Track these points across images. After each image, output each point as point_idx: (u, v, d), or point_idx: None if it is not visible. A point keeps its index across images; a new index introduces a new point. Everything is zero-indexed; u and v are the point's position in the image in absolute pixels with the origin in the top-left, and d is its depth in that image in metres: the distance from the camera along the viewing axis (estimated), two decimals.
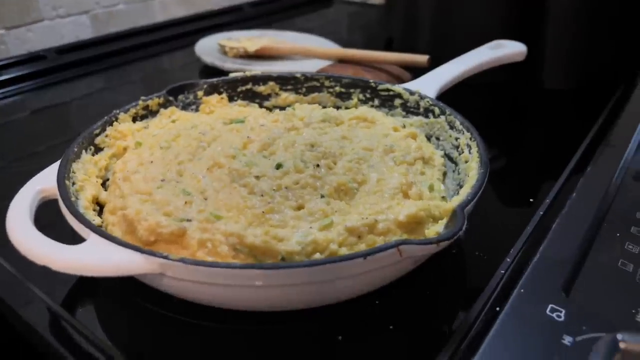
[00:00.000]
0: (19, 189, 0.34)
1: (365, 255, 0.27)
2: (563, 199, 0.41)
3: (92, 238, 0.29)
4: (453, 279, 0.35)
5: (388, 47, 0.72)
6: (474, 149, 0.38)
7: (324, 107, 0.50)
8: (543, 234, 0.37)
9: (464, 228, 0.29)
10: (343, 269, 0.27)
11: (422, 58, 0.58)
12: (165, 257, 0.28)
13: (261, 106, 0.51)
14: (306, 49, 0.65)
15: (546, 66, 0.60)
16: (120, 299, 0.33)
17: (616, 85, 0.63)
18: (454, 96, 0.51)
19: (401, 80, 0.58)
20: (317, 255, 0.30)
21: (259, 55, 0.67)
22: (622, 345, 0.23)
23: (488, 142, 0.38)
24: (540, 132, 0.58)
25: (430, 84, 0.48)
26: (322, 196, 0.35)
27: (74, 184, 0.36)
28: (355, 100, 0.49)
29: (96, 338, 0.30)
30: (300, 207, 0.34)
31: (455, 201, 0.32)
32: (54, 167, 0.36)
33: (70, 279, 0.34)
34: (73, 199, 0.34)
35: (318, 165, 0.37)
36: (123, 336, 0.31)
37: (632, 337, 0.23)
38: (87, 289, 0.34)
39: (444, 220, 0.33)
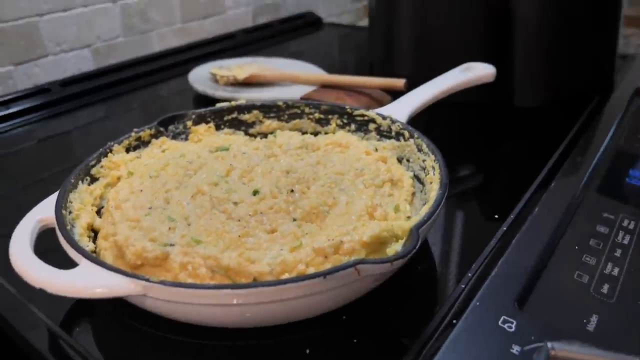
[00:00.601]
0: (25, 214, 0.37)
1: (325, 274, 0.30)
2: (527, 214, 0.43)
3: (83, 263, 0.33)
4: (416, 295, 0.37)
5: (372, 70, 0.75)
6: (437, 171, 0.41)
7: (305, 132, 0.53)
8: (504, 249, 0.39)
9: (417, 247, 0.32)
10: (305, 288, 0.30)
11: (399, 82, 0.61)
12: (147, 280, 0.31)
13: (246, 133, 0.54)
14: (292, 76, 0.69)
15: (515, 85, 0.63)
16: (115, 319, 0.36)
17: (588, 101, 0.65)
18: (430, 116, 0.54)
19: (382, 103, 0.61)
20: (286, 275, 0.33)
21: (249, 83, 0.71)
22: (551, 352, 0.26)
23: (459, 161, 0.41)
24: (511, 149, 0.60)
25: (403, 107, 0.51)
26: (294, 219, 0.38)
27: (70, 212, 0.39)
28: (333, 125, 0.53)
29: (92, 357, 0.33)
30: (273, 231, 0.37)
31: (413, 221, 0.35)
32: (53, 198, 0.39)
33: (68, 301, 0.37)
34: (69, 227, 0.37)
35: (292, 191, 0.40)
36: (117, 355, 0.33)
37: (560, 345, 0.26)
38: (84, 310, 0.36)
39: (404, 240, 0.35)
